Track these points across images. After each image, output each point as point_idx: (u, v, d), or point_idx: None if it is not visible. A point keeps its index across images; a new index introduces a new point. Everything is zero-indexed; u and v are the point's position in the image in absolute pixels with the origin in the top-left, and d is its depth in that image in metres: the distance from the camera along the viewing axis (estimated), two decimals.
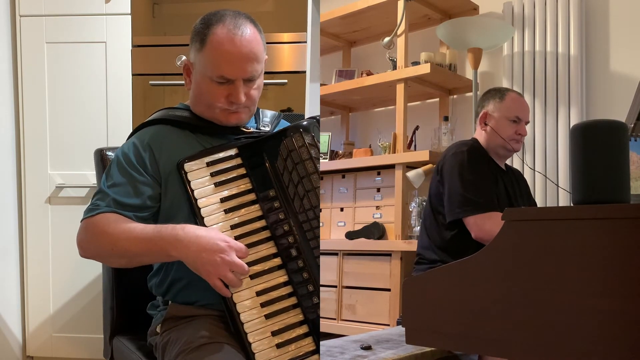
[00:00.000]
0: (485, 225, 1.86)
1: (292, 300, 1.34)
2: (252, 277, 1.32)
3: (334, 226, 3.14)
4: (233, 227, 1.36)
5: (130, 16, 2.47)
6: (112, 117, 2.49)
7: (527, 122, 2.12)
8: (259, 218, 1.38)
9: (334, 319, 2.99)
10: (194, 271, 1.28)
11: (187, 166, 1.39)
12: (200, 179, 1.39)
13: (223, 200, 1.38)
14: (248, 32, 1.38)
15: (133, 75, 2.47)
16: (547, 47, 2.82)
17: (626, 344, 0.90)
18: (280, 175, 1.40)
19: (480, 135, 2.13)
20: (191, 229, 1.29)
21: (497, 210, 1.89)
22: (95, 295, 2.48)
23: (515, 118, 2.07)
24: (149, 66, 2.46)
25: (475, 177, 1.94)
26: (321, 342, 1.63)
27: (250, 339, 1.29)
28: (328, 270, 3.01)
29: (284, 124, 1.62)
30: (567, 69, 2.75)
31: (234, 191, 1.39)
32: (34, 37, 2.49)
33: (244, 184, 1.41)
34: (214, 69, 1.38)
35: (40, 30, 2.49)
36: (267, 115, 1.59)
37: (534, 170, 2.78)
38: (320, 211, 3.15)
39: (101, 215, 1.35)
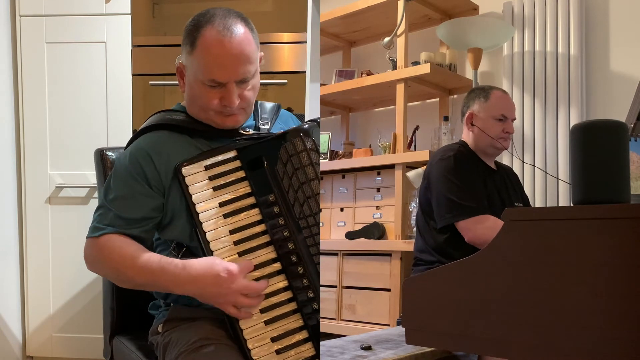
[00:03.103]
0: (477, 229, 1.87)
1: (292, 306, 1.33)
2: None
3: (334, 226, 3.14)
4: (232, 232, 1.34)
5: (130, 16, 2.47)
6: (112, 117, 2.49)
7: (513, 119, 2.11)
8: (258, 222, 1.36)
9: (334, 319, 2.99)
10: (207, 303, 1.30)
11: (185, 170, 1.36)
12: (198, 183, 1.36)
13: (222, 204, 1.35)
14: (238, 32, 1.34)
15: (133, 75, 2.47)
16: (547, 47, 2.82)
17: (626, 344, 0.90)
18: (280, 180, 1.38)
19: (467, 136, 2.12)
20: (192, 266, 1.28)
21: (487, 214, 1.90)
22: (95, 295, 2.48)
23: (501, 117, 2.06)
24: (149, 66, 2.46)
25: (463, 181, 1.94)
26: (321, 342, 1.63)
27: (250, 345, 1.29)
28: (328, 270, 3.01)
29: (284, 114, 1.59)
30: (567, 69, 2.75)
31: (233, 195, 1.37)
32: (34, 37, 2.50)
33: (243, 188, 1.38)
34: (205, 72, 1.34)
35: (40, 30, 2.49)
36: (266, 109, 1.55)
37: (534, 166, 2.78)
38: (320, 211, 3.15)
39: (106, 238, 1.34)
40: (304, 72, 2.41)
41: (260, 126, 1.50)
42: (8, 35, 2.53)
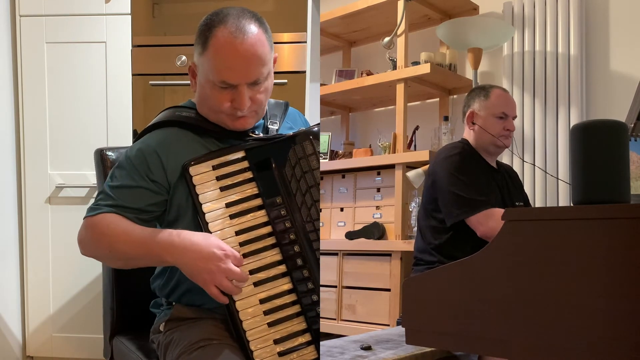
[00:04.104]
0: (489, 222, 1.87)
1: (296, 309, 1.33)
2: (256, 284, 1.31)
3: (334, 226, 3.14)
4: (238, 233, 1.34)
5: (130, 16, 2.47)
6: (112, 117, 2.49)
7: (514, 117, 2.12)
8: (264, 224, 1.36)
9: (334, 319, 2.99)
10: (190, 278, 1.28)
11: (193, 169, 1.35)
12: (205, 182, 1.36)
13: (228, 205, 1.35)
14: (251, 33, 1.31)
15: (133, 75, 2.47)
16: (547, 47, 2.82)
17: (626, 344, 0.90)
18: (288, 183, 1.37)
19: (469, 135, 2.13)
20: (187, 235, 1.28)
21: (496, 207, 1.90)
22: (95, 295, 2.49)
23: (501, 114, 2.07)
24: (149, 66, 2.46)
25: (470, 177, 1.95)
26: (321, 342, 1.63)
27: (252, 347, 1.28)
28: (328, 270, 3.01)
29: (292, 113, 1.58)
30: (567, 69, 2.75)
31: (240, 196, 1.36)
32: (34, 37, 2.50)
33: (250, 189, 1.37)
34: (216, 74, 1.32)
35: (40, 30, 2.49)
36: (274, 108, 1.53)
37: (534, 165, 2.78)
38: (321, 211, 3.15)
39: (102, 216, 1.34)
40: (304, 72, 2.40)
41: (269, 126, 1.48)
42: (8, 35, 2.53)
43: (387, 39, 3.04)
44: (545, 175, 2.77)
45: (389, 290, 2.78)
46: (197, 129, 1.42)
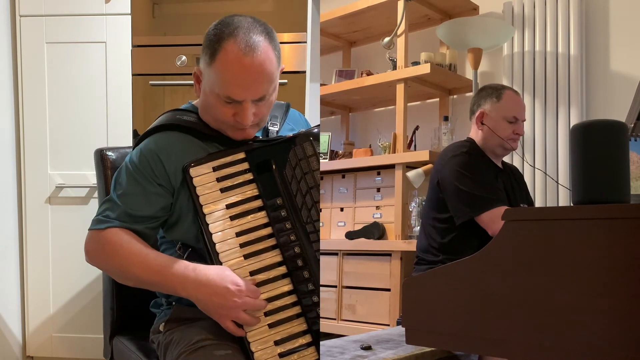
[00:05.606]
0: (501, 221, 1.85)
1: (296, 310, 1.33)
2: (256, 285, 1.31)
3: (334, 226, 3.14)
4: (238, 234, 1.34)
5: (130, 16, 2.47)
6: (112, 117, 2.49)
7: (523, 121, 2.10)
8: (265, 225, 1.36)
9: (334, 319, 2.99)
10: (206, 313, 1.28)
11: (193, 171, 1.35)
12: (206, 184, 1.36)
13: (229, 206, 1.35)
14: (260, 50, 1.29)
15: (133, 75, 2.47)
16: (547, 47, 2.82)
17: (626, 344, 0.90)
18: (288, 184, 1.37)
19: (476, 134, 2.10)
20: (202, 271, 1.27)
21: (506, 205, 1.89)
22: (95, 295, 2.48)
23: (512, 118, 2.05)
24: (149, 66, 2.46)
25: (479, 175, 1.93)
26: (321, 342, 1.63)
27: (253, 348, 1.28)
28: (328, 270, 3.01)
29: (293, 115, 1.58)
30: (567, 69, 2.75)
31: (241, 197, 1.36)
32: (34, 37, 2.50)
33: (251, 190, 1.37)
34: (222, 88, 1.30)
35: (40, 30, 2.49)
36: (275, 109, 1.52)
37: (534, 167, 2.78)
38: (321, 211, 3.15)
39: (112, 232, 1.33)
40: (304, 72, 2.40)
41: (270, 127, 1.48)
42: (8, 35, 2.53)
43: (387, 39, 3.04)
44: (545, 176, 2.77)
45: (389, 290, 2.78)
46: (197, 133, 1.42)
